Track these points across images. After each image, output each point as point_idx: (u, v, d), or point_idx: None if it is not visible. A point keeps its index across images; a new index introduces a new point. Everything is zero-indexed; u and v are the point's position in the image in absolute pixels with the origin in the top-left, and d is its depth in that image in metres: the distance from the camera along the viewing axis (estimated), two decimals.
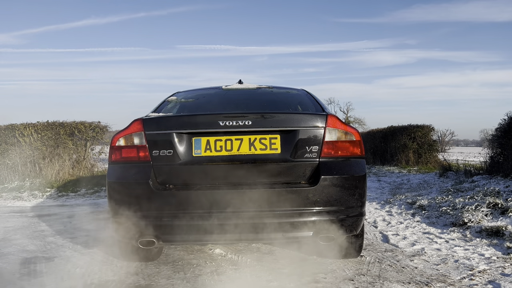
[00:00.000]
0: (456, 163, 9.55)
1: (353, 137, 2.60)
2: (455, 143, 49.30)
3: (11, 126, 8.83)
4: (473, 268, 2.83)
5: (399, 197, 5.96)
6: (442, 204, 4.86)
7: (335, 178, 2.46)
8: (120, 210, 2.49)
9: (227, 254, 3.20)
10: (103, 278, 2.71)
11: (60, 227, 4.52)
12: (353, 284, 2.54)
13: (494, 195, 4.63)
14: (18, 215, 5.51)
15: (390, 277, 2.67)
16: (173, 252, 3.30)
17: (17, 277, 2.78)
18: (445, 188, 6.25)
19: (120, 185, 2.51)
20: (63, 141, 8.71)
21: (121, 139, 2.58)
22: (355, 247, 2.94)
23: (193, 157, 2.51)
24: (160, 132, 2.53)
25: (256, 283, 2.57)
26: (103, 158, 9.39)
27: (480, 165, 7.48)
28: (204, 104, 3.33)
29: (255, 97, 3.39)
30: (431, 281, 2.58)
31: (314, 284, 2.55)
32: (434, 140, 13.02)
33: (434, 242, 3.57)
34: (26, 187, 8.01)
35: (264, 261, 3.03)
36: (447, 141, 33.89)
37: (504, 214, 4.00)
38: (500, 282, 2.54)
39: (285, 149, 2.51)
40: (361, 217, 2.57)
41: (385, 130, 13.81)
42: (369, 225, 4.38)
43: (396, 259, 3.09)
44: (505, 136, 6.43)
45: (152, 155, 2.51)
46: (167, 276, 2.75)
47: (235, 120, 2.49)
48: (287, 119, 2.55)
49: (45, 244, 3.72)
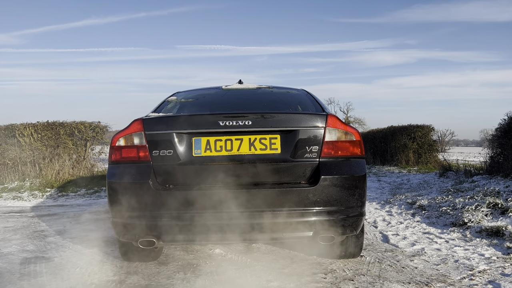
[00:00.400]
0: (456, 163, 9.54)
1: (353, 137, 2.60)
2: (455, 143, 49.28)
3: (11, 126, 8.82)
4: (473, 268, 2.83)
5: (399, 197, 5.96)
6: (442, 204, 4.86)
7: (335, 178, 2.47)
8: (120, 210, 2.49)
9: (227, 254, 3.20)
10: (103, 278, 2.71)
11: (60, 227, 4.53)
12: (353, 284, 2.54)
13: (494, 195, 4.63)
14: (18, 215, 5.51)
15: (390, 277, 2.67)
16: (173, 252, 3.30)
17: (17, 277, 2.78)
18: (445, 188, 6.25)
19: (120, 185, 2.51)
20: (63, 141, 8.71)
21: (121, 139, 2.58)
22: (355, 247, 2.94)
23: (193, 157, 2.51)
24: (160, 132, 2.53)
25: (256, 283, 2.57)
26: (103, 158, 9.38)
27: (480, 165, 7.48)
28: (204, 104, 3.33)
29: (255, 97, 3.39)
30: (431, 281, 2.58)
31: (314, 284, 2.55)
32: (434, 140, 13.02)
33: (434, 242, 3.57)
34: (26, 187, 8.01)
35: (264, 261, 3.03)
36: (447, 141, 33.88)
37: (504, 214, 4.00)
38: (500, 282, 2.54)
39: (285, 149, 2.51)
40: (361, 217, 2.57)
41: (385, 130, 13.81)
42: (369, 225, 4.38)
43: (396, 259, 3.09)
44: (505, 136, 6.42)
45: (152, 155, 2.51)
46: (167, 276, 2.75)
47: (235, 120, 2.49)
48: (287, 119, 2.55)
49: (45, 244, 3.72)
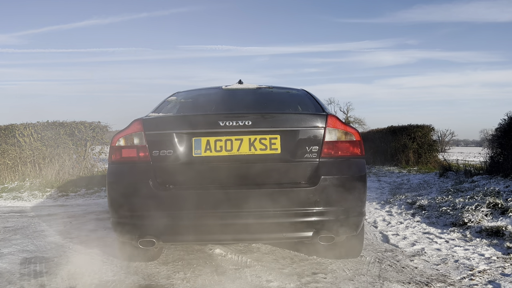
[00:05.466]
0: (456, 163, 9.54)
1: (353, 137, 2.59)
2: (455, 143, 49.25)
3: (11, 126, 8.82)
4: (473, 268, 2.83)
5: (399, 197, 5.96)
6: (442, 204, 4.86)
7: (335, 178, 2.47)
8: (120, 210, 2.49)
9: (227, 254, 3.20)
10: (103, 278, 2.71)
11: (60, 227, 4.52)
12: (353, 284, 2.54)
13: (494, 195, 4.62)
14: (18, 215, 5.51)
15: (390, 277, 2.67)
16: (173, 252, 3.30)
17: (17, 277, 2.78)
18: (445, 188, 6.25)
19: (120, 185, 2.51)
20: (63, 141, 8.70)
21: (121, 139, 2.58)
22: (355, 247, 2.94)
23: (193, 157, 2.51)
24: (160, 132, 2.53)
25: (256, 283, 2.57)
26: (103, 158, 9.37)
27: (480, 165, 7.48)
28: (204, 104, 3.33)
29: (255, 97, 3.39)
30: (431, 281, 2.58)
31: (314, 284, 2.55)
32: (434, 140, 13.02)
33: (434, 242, 3.57)
34: (26, 187, 8.01)
35: (264, 261, 3.03)
36: (447, 141, 33.85)
37: (504, 214, 4.00)
38: (500, 282, 2.54)
39: (285, 149, 2.51)
40: (361, 217, 2.57)
41: (385, 130, 13.81)
42: (369, 225, 4.38)
43: (396, 259, 3.09)
44: (505, 136, 6.42)
45: (152, 155, 2.51)
46: (167, 276, 2.75)
47: (235, 120, 2.49)
48: (287, 119, 2.55)
49: (45, 244, 3.72)
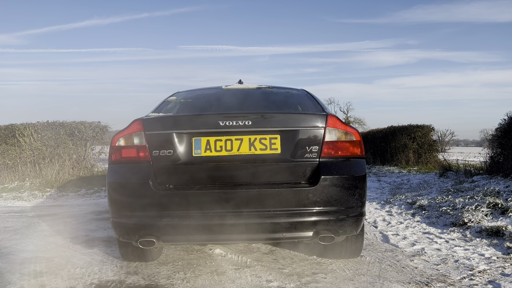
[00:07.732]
0: (456, 163, 9.54)
1: (353, 137, 2.59)
2: (455, 143, 49.30)
3: (11, 126, 8.82)
4: (473, 268, 2.83)
5: (399, 197, 5.96)
6: (442, 204, 4.86)
7: (335, 178, 2.47)
8: (120, 210, 2.49)
9: (227, 254, 3.20)
10: (103, 278, 2.71)
11: (60, 227, 4.53)
12: (353, 284, 2.54)
13: (494, 195, 4.63)
14: (18, 215, 5.51)
15: (390, 277, 2.67)
16: (173, 252, 3.30)
17: (17, 277, 2.78)
18: (445, 188, 6.25)
19: (120, 185, 2.51)
20: (63, 141, 8.70)
21: (121, 139, 2.58)
22: (355, 247, 2.94)
23: (193, 157, 2.51)
24: (160, 132, 2.53)
25: (256, 283, 2.57)
26: (103, 158, 9.38)
27: (480, 165, 7.48)
28: (204, 104, 3.32)
29: (255, 97, 3.39)
30: (431, 281, 2.58)
31: (314, 284, 2.55)
32: (434, 140, 13.02)
33: (434, 242, 3.57)
34: (26, 187, 8.01)
35: (264, 261, 3.03)
36: (447, 141, 33.90)
37: (504, 214, 4.00)
38: (500, 282, 2.54)
39: (285, 149, 2.51)
40: (361, 217, 2.57)
41: (385, 130, 13.81)
42: (369, 225, 4.38)
43: (396, 259, 3.09)
44: (505, 136, 6.42)
45: (152, 155, 2.51)
46: (167, 276, 2.75)
47: (235, 120, 2.49)
48: (287, 119, 2.55)
49: (45, 244, 3.72)
